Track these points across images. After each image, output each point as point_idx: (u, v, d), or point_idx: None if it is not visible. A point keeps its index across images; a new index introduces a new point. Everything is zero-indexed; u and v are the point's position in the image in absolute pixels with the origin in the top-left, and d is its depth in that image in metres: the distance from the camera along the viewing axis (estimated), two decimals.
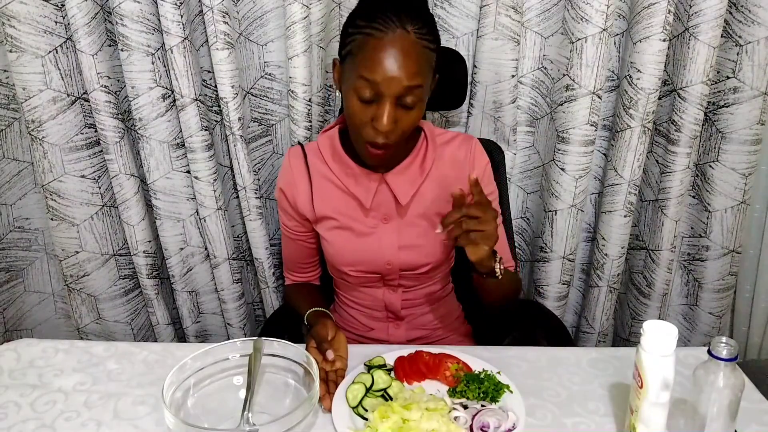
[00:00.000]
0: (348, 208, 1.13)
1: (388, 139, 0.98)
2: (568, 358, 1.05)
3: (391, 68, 0.93)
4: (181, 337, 1.62)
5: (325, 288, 1.30)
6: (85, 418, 0.93)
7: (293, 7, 1.22)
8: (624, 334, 1.65)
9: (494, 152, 1.27)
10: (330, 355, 0.97)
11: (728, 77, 1.35)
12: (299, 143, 1.25)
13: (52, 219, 1.40)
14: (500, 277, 1.02)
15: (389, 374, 0.98)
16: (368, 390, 0.94)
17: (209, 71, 1.34)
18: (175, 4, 1.20)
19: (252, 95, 1.41)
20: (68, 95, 1.32)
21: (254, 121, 1.43)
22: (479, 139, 1.18)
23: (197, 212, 1.45)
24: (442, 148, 1.14)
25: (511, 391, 0.95)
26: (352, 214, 1.13)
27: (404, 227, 1.13)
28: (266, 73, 1.39)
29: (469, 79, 1.36)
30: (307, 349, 1.00)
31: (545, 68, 1.40)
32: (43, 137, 1.32)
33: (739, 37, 1.31)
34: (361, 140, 1.01)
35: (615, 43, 1.38)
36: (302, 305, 1.15)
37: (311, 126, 1.35)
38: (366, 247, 1.13)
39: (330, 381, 0.96)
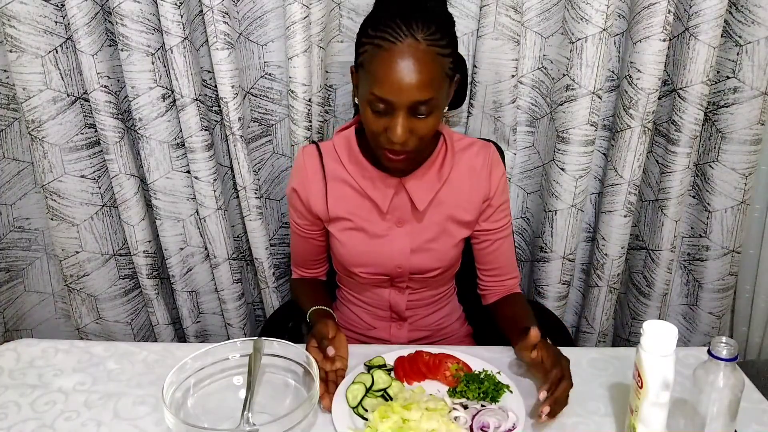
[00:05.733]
0: (363, 210, 1.12)
1: (405, 146, 0.97)
2: (568, 358, 1.05)
3: (401, 82, 0.91)
4: (181, 337, 1.62)
5: (330, 283, 1.30)
6: (85, 418, 0.93)
7: (293, 7, 1.22)
8: (624, 334, 1.65)
9: None
10: (330, 351, 0.96)
11: (728, 77, 1.35)
12: (314, 142, 1.24)
13: (52, 219, 1.40)
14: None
15: (389, 374, 0.99)
16: (368, 390, 0.94)
17: (209, 71, 1.34)
18: (175, 4, 1.20)
19: (252, 95, 1.41)
20: (68, 95, 1.32)
21: (254, 121, 1.43)
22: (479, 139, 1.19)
23: (197, 212, 1.45)
24: (460, 154, 1.13)
25: (511, 391, 0.95)
26: (366, 216, 1.12)
27: (418, 231, 1.13)
28: (266, 73, 1.39)
29: (469, 79, 1.36)
30: (307, 348, 1.00)
31: (545, 68, 1.40)
32: (43, 137, 1.32)
33: (739, 37, 1.31)
34: (379, 147, 1.01)
35: (615, 43, 1.38)
36: (306, 302, 1.15)
37: (311, 126, 1.35)
38: (378, 249, 1.12)
39: (330, 381, 0.96)
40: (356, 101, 1.04)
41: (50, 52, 1.27)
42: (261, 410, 0.90)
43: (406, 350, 1.05)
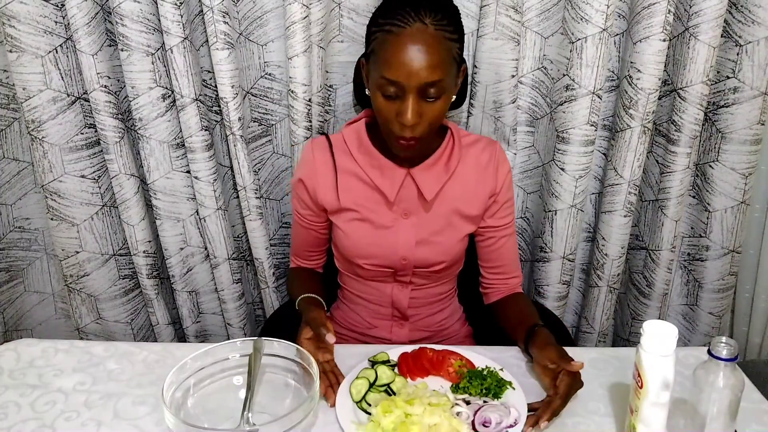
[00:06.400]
0: (370, 201, 1.13)
1: (415, 132, 0.99)
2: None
3: (411, 64, 0.93)
4: (181, 337, 1.62)
5: (327, 279, 1.31)
6: (85, 418, 0.93)
7: (293, 7, 1.22)
8: (624, 334, 1.65)
9: None
10: (331, 339, 0.97)
11: (728, 77, 1.35)
12: (324, 133, 1.25)
13: (52, 219, 1.40)
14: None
15: (393, 370, 0.99)
16: (372, 385, 0.95)
17: (209, 71, 1.34)
18: (175, 4, 1.20)
19: (252, 95, 1.41)
20: (68, 95, 1.32)
21: (254, 121, 1.43)
22: None
23: (197, 212, 1.45)
24: (467, 149, 1.15)
25: (513, 388, 0.95)
26: (373, 206, 1.13)
27: (423, 223, 1.14)
28: (266, 73, 1.39)
29: (469, 79, 1.36)
30: (299, 339, 1.00)
31: (545, 68, 1.40)
32: (43, 137, 1.32)
33: (739, 37, 1.31)
34: (390, 134, 1.02)
35: (615, 43, 1.38)
36: (298, 289, 1.17)
37: (311, 126, 1.35)
38: (383, 240, 1.13)
39: (327, 372, 0.97)
40: (367, 92, 1.06)
41: (50, 52, 1.27)
42: (261, 410, 0.90)
43: (410, 347, 1.06)
